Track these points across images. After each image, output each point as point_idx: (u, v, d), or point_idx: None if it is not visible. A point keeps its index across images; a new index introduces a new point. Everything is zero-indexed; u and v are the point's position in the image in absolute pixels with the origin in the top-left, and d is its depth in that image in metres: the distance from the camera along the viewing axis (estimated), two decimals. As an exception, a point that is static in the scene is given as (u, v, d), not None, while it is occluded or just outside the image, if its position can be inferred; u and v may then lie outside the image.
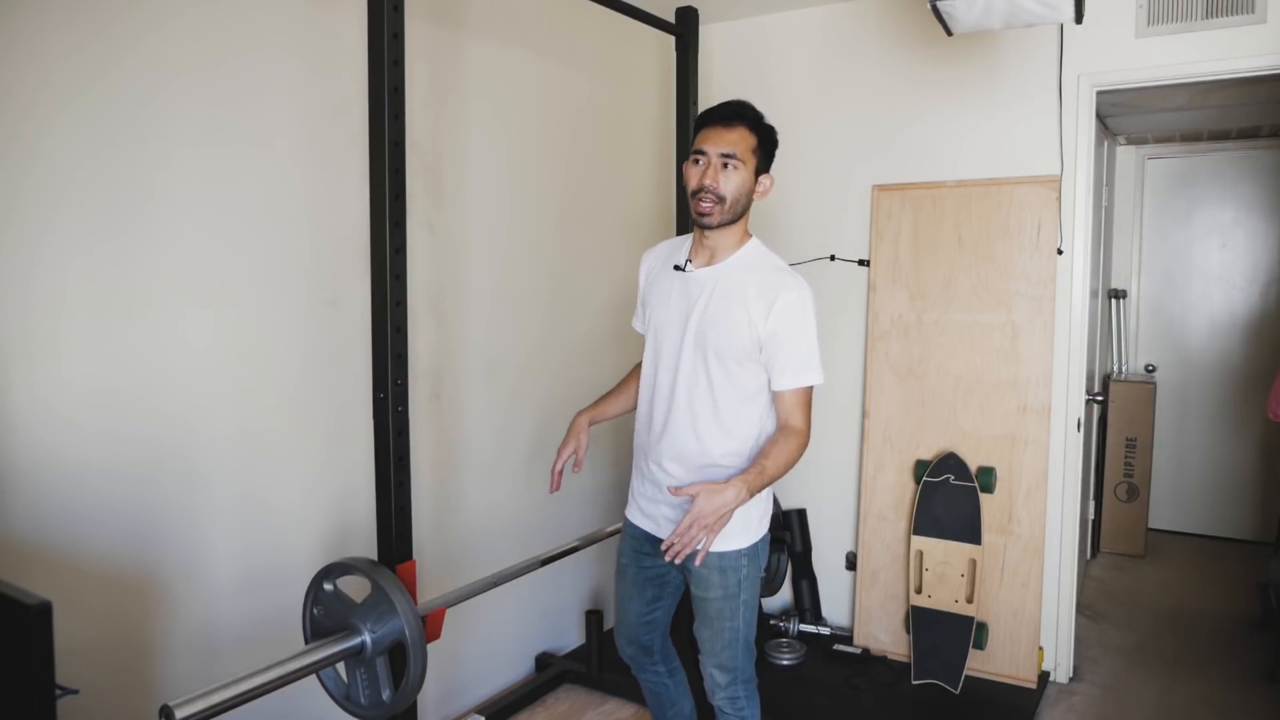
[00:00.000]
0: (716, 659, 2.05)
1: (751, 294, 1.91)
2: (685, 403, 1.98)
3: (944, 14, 2.47)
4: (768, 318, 1.89)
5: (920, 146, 3.38)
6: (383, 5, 1.94)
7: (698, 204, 1.90)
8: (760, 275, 1.94)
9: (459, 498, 2.90)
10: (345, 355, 2.45)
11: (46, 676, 1.28)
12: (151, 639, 2.09)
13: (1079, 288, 3.16)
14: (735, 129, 1.91)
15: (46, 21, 1.83)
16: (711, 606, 2.00)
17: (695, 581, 2.02)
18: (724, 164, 1.89)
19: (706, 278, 1.97)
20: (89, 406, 1.94)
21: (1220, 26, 2.86)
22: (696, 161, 1.92)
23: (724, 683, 2.07)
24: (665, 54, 3.62)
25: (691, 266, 1.99)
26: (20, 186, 1.81)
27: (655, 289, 2.09)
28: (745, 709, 2.10)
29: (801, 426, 1.94)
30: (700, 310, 1.95)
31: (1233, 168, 4.92)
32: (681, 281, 2.00)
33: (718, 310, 1.93)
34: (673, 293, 2.02)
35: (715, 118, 1.93)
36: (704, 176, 1.89)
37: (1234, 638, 3.66)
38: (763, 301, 1.89)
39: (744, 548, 1.99)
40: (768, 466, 1.86)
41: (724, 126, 1.91)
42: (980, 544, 3.14)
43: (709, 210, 1.89)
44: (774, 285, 1.91)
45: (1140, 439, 4.72)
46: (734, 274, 1.95)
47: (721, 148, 1.89)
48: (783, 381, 1.93)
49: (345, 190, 2.42)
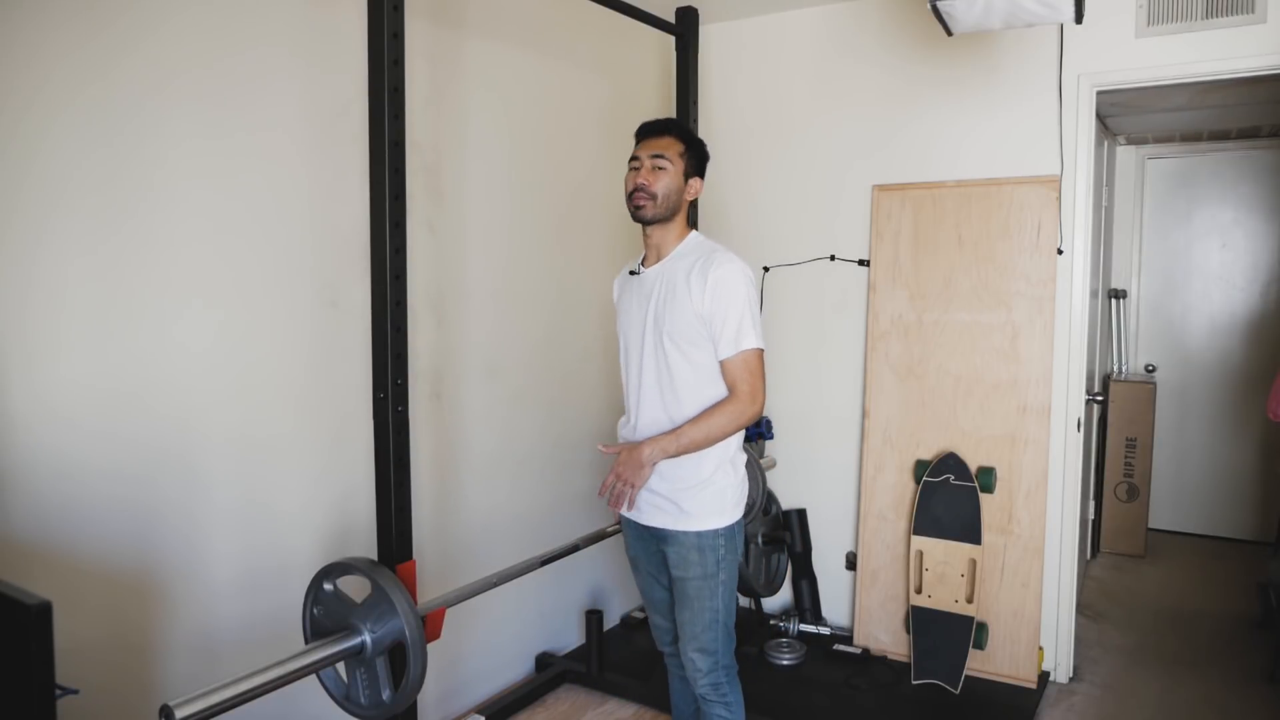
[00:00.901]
0: (697, 641, 2.13)
1: (692, 276, 2.08)
2: (653, 389, 2.13)
3: (944, 14, 2.47)
4: (704, 293, 2.04)
5: (920, 146, 3.38)
6: (383, 5, 1.94)
7: (634, 202, 2.12)
8: (696, 258, 2.11)
9: (459, 498, 2.89)
10: (345, 355, 2.45)
11: (46, 676, 1.28)
12: (151, 639, 2.08)
13: (1079, 288, 3.16)
14: (664, 137, 2.14)
15: (46, 21, 1.83)
16: (691, 586, 2.11)
17: (675, 563, 2.13)
18: (655, 165, 2.11)
19: (656, 274, 2.16)
20: (89, 406, 1.94)
21: (1220, 26, 2.86)
22: (634, 168, 2.14)
23: (705, 668, 2.15)
24: (665, 54, 3.62)
25: (643, 268, 2.20)
26: (20, 186, 1.81)
27: (622, 301, 2.28)
28: (728, 694, 2.18)
29: (745, 390, 2.05)
30: (655, 303, 2.13)
31: (1233, 168, 4.92)
32: (637, 283, 2.21)
33: (667, 297, 2.11)
34: (633, 297, 2.21)
35: (647, 131, 2.18)
36: (638, 177, 2.11)
37: (1234, 638, 3.66)
38: (699, 279, 2.06)
39: (720, 528, 2.11)
40: (686, 430, 2.03)
41: (655, 136, 2.15)
42: (980, 544, 3.14)
43: (644, 204, 2.10)
44: (707, 263, 2.07)
45: (1140, 439, 4.72)
46: (677, 264, 2.13)
47: (651, 150, 2.12)
48: (723, 350, 2.05)
49: (345, 190, 2.42)
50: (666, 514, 2.12)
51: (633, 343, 2.19)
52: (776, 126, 3.68)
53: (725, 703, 2.17)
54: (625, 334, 2.23)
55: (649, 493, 2.12)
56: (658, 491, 2.11)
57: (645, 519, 2.16)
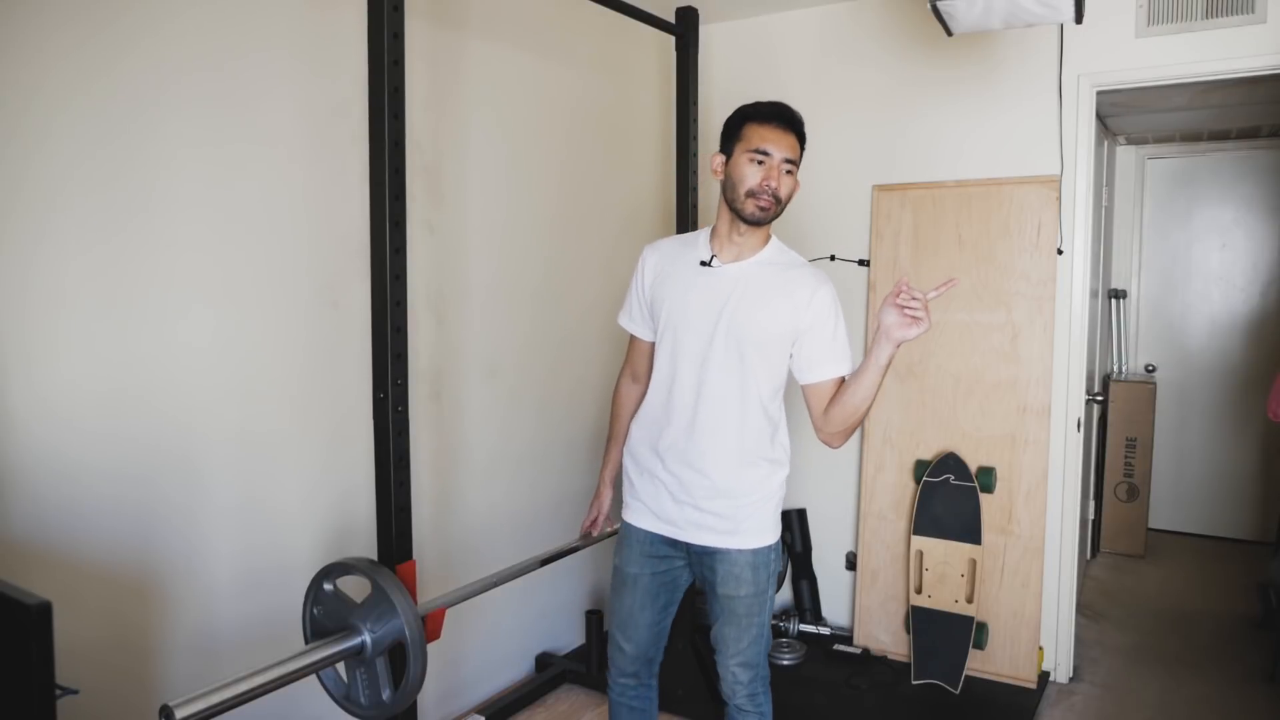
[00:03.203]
0: (742, 657, 2.04)
1: (790, 287, 1.97)
2: (718, 397, 1.97)
3: (944, 14, 2.47)
4: (809, 308, 1.95)
5: (920, 146, 3.38)
6: (383, 5, 1.94)
7: (756, 201, 1.92)
8: (792, 270, 2.00)
9: (459, 498, 2.90)
10: (345, 355, 2.45)
11: (46, 676, 1.28)
12: (151, 639, 2.08)
13: (1079, 288, 3.16)
14: (791, 136, 1.95)
15: (46, 21, 1.83)
16: (742, 604, 2.00)
17: (724, 581, 2.00)
18: (786, 169, 1.94)
19: (738, 272, 1.99)
20: (89, 407, 1.94)
21: (1220, 26, 2.86)
22: (759, 161, 1.92)
23: (746, 680, 2.06)
24: (665, 54, 3.62)
25: (718, 261, 2.00)
26: (20, 186, 1.81)
27: (668, 285, 2.05)
28: (763, 704, 2.11)
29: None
30: (734, 304, 1.96)
31: (1233, 168, 4.92)
32: (707, 276, 2.00)
33: (754, 303, 1.95)
34: (694, 288, 2.01)
35: (779, 119, 1.95)
36: (768, 177, 1.92)
37: (1234, 638, 3.66)
38: (804, 292, 1.96)
39: (774, 543, 2.03)
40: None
41: (786, 129, 1.95)
42: (980, 544, 3.14)
43: (769, 208, 1.93)
44: (810, 279, 1.99)
45: (1140, 439, 4.72)
46: (764, 269, 1.99)
47: (785, 153, 1.93)
48: (825, 370, 1.97)
49: (345, 190, 2.42)
50: (718, 532, 1.99)
51: (690, 341, 1.99)
52: (776, 126, 3.67)
53: (760, 712, 2.09)
54: (678, 328, 2.01)
55: (697, 510, 2.00)
56: (709, 510, 1.98)
57: (689, 537, 2.02)
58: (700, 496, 1.99)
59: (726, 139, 2.00)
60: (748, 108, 1.99)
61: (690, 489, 2.00)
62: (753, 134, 1.94)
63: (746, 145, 1.94)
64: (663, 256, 2.10)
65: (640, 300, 2.13)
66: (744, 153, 1.94)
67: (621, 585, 2.12)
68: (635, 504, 2.12)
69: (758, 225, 1.96)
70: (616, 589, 2.14)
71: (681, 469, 2.01)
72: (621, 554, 2.13)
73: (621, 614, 2.14)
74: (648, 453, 2.08)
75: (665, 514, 2.05)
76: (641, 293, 2.13)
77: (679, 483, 2.01)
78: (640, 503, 2.10)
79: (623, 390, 2.27)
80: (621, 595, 2.12)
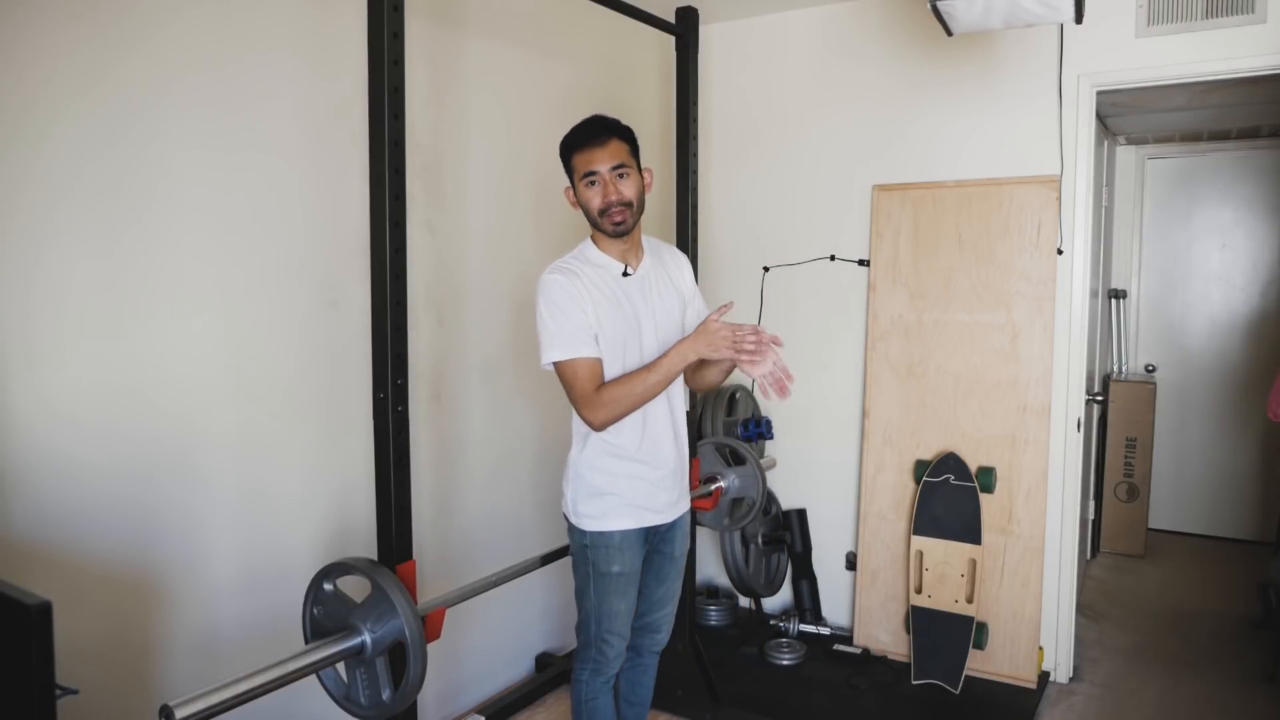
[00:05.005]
0: (673, 606, 2.32)
1: (671, 268, 2.23)
2: (675, 387, 2.17)
3: (944, 14, 2.47)
4: (683, 277, 2.26)
5: (920, 146, 3.38)
6: (383, 5, 1.94)
7: (610, 218, 2.05)
8: (664, 251, 2.27)
9: (459, 498, 2.90)
10: (345, 355, 2.45)
11: (46, 676, 1.28)
12: (151, 639, 2.09)
13: (1079, 288, 3.16)
14: (609, 143, 2.04)
15: (48, 23, 1.83)
16: (681, 562, 2.29)
17: (681, 540, 2.27)
18: (619, 175, 2.04)
19: (648, 272, 2.17)
20: (90, 406, 1.94)
21: (1220, 26, 2.86)
22: (593, 183, 2.04)
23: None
24: (665, 54, 3.62)
25: (632, 270, 2.16)
26: (22, 187, 1.81)
27: (605, 304, 2.06)
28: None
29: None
30: (653, 303, 2.15)
31: (1233, 168, 4.92)
32: (628, 286, 2.13)
33: (662, 296, 2.17)
34: (626, 299, 2.11)
35: (587, 139, 2.04)
36: (606, 194, 2.04)
37: (1234, 638, 3.66)
38: (678, 267, 2.26)
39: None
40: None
41: (599, 145, 2.03)
42: (980, 544, 3.14)
43: (625, 218, 2.06)
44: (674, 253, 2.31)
45: (1140, 439, 4.72)
46: (655, 262, 2.21)
47: (610, 163, 2.03)
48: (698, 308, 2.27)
49: (345, 190, 2.42)
50: (679, 503, 2.24)
51: (631, 346, 2.06)
52: (776, 127, 3.68)
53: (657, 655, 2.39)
54: (626, 339, 2.07)
55: (675, 491, 2.21)
56: (679, 487, 2.22)
57: (672, 515, 2.22)
58: (677, 477, 2.22)
59: (567, 172, 2.12)
60: (567, 137, 2.10)
61: (673, 474, 2.21)
62: (578, 161, 2.06)
63: (578, 173, 2.07)
64: (582, 279, 2.07)
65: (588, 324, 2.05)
66: (579, 181, 2.07)
67: (616, 586, 2.16)
68: (617, 508, 2.12)
69: (628, 234, 2.10)
70: (609, 593, 2.16)
71: (663, 460, 2.17)
72: (610, 560, 2.14)
73: (621, 614, 2.19)
74: (627, 462, 2.12)
75: (655, 504, 2.16)
76: (586, 316, 2.04)
77: (662, 473, 2.17)
78: (624, 504, 2.12)
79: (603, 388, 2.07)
80: (615, 598, 2.16)
